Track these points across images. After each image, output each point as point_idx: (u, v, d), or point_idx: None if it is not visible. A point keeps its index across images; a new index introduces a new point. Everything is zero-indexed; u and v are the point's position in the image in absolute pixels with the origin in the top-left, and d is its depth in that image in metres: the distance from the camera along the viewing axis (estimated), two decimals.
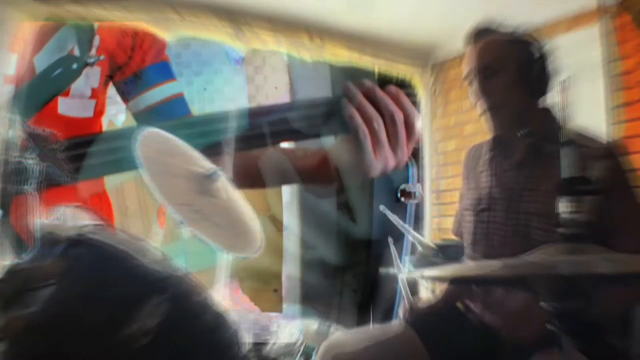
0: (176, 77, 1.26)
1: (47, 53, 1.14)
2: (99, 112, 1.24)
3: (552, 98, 1.42)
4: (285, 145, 1.04)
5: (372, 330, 1.56)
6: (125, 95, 1.22)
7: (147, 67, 1.22)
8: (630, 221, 1.29)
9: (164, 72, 1.23)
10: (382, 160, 0.76)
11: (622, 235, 1.24)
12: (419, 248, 2.05)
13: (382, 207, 2.26)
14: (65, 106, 1.17)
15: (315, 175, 0.95)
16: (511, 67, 1.41)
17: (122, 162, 0.86)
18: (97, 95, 1.18)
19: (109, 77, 1.21)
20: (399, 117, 0.75)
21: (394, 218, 2.18)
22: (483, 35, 1.46)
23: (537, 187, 1.36)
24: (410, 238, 2.12)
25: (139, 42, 1.21)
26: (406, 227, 2.19)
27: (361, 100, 0.75)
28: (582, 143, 1.10)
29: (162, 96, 1.22)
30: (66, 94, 1.18)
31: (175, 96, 1.25)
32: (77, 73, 1.17)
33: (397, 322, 1.51)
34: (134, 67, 1.21)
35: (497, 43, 1.44)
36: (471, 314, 1.46)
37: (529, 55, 1.42)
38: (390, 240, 2.34)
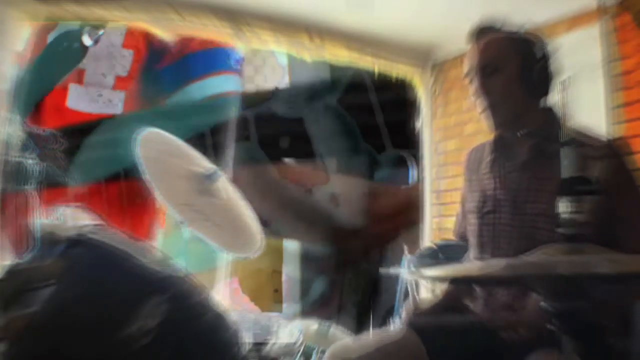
0: (237, 70, 1.09)
1: (61, 29, 1.06)
2: (131, 107, 1.05)
3: (554, 98, 1.42)
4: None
5: (377, 335, 1.55)
6: (166, 86, 1.02)
7: (197, 52, 1.05)
8: (635, 220, 1.29)
9: (219, 61, 1.06)
10: None
11: (628, 235, 1.24)
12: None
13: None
14: (76, 97, 1.05)
15: None
16: (512, 66, 1.40)
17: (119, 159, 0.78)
18: (127, 85, 1.04)
19: (150, 65, 1.07)
20: None
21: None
22: (486, 33, 1.46)
23: (542, 187, 1.36)
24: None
25: None
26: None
27: None
28: (583, 142, 1.10)
29: (213, 90, 1.04)
30: (79, 81, 1.04)
31: (229, 94, 1.07)
32: (79, 53, 1.07)
33: (401, 326, 1.50)
34: (179, 50, 1.04)
35: (499, 41, 1.44)
36: (470, 315, 1.46)
37: (531, 55, 1.41)
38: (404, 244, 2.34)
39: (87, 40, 2.50)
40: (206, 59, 2.75)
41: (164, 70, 2.84)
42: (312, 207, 3.82)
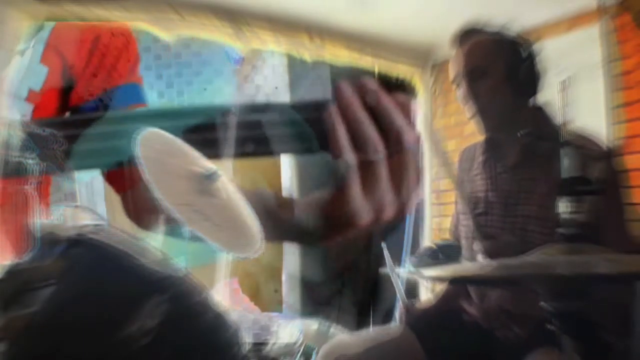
0: (146, 102, 1.02)
1: None
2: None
3: (544, 97, 1.42)
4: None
5: (373, 332, 1.56)
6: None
7: (118, 88, 0.98)
8: (613, 222, 1.30)
9: (134, 95, 1.00)
10: (376, 205, 0.51)
11: (605, 235, 1.24)
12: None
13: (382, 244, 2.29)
14: None
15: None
16: (499, 68, 1.40)
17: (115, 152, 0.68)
18: (38, 100, 0.96)
19: (66, 92, 0.98)
20: (410, 139, 0.49)
21: (387, 256, 2.20)
22: (469, 37, 1.45)
23: (534, 189, 1.36)
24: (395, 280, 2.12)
25: (101, 49, 0.97)
26: (393, 271, 2.21)
27: (354, 107, 0.50)
28: (581, 144, 1.10)
29: None
30: None
31: None
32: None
33: (397, 324, 1.51)
34: (98, 86, 0.98)
35: (484, 44, 1.43)
36: (467, 315, 1.46)
37: (516, 55, 1.41)
38: (383, 245, 2.35)
39: None
40: (127, 93, 2.70)
41: (85, 106, 2.77)
42: None
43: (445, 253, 2.44)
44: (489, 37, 1.43)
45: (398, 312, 1.54)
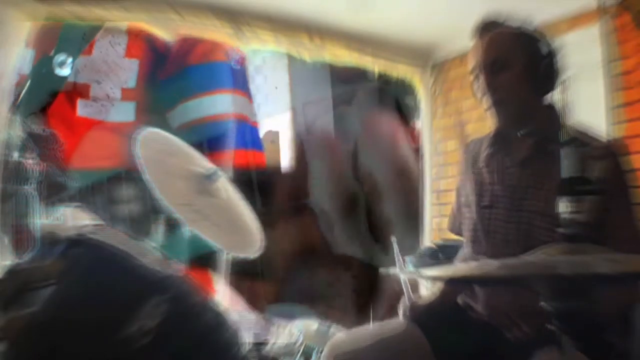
0: (237, 87, 0.95)
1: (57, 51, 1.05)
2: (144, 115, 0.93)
3: (555, 96, 1.42)
4: None
5: (375, 328, 1.55)
6: (166, 100, 0.80)
7: (193, 66, 0.94)
8: (623, 222, 1.29)
9: (215, 77, 0.95)
10: None
11: (615, 236, 1.24)
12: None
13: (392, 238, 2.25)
14: (84, 109, 1.01)
15: None
16: (518, 62, 1.39)
17: None
18: (137, 96, 0.95)
19: (154, 72, 0.97)
20: None
21: (397, 253, 2.17)
22: (490, 29, 1.44)
23: (541, 185, 1.36)
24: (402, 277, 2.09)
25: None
26: (402, 266, 2.18)
27: None
28: (583, 142, 1.10)
29: (206, 112, 0.84)
30: (85, 96, 1.01)
31: (222, 117, 0.88)
32: (52, 74, 1.04)
33: (399, 320, 1.50)
34: (177, 61, 0.94)
35: (505, 37, 1.42)
36: (472, 312, 1.46)
37: (537, 51, 1.40)
38: (393, 239, 2.33)
39: (61, 72, 2.49)
40: (203, 73, 2.69)
41: (164, 82, 2.76)
42: None
43: (445, 253, 2.44)
44: (510, 31, 1.43)
45: (401, 308, 1.53)
